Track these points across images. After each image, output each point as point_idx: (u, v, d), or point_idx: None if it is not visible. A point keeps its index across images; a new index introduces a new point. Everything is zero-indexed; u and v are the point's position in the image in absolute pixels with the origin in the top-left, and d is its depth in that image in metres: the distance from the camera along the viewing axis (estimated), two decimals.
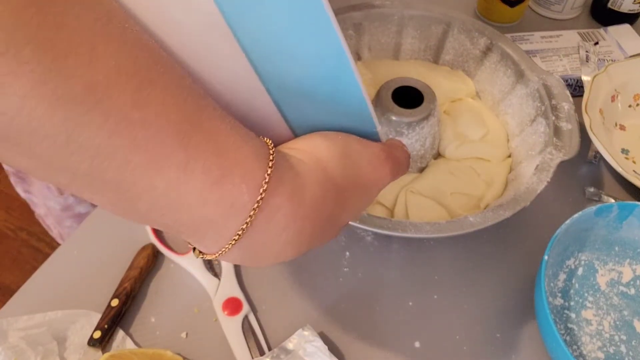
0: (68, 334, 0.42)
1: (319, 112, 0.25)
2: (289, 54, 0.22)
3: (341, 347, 0.43)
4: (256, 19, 0.21)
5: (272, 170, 0.22)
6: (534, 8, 0.75)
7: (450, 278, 0.48)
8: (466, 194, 0.49)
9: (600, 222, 0.46)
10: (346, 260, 0.48)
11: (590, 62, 0.62)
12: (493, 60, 0.55)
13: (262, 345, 0.43)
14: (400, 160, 0.29)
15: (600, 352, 0.43)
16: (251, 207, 0.22)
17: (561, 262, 0.46)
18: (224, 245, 0.23)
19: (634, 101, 0.60)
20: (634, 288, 0.46)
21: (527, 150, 0.50)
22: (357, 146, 0.26)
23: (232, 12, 0.20)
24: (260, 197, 0.22)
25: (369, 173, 0.26)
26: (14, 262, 1.33)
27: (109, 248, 0.48)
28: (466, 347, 0.44)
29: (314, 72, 0.23)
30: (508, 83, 0.54)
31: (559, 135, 0.46)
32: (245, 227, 0.22)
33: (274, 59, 0.22)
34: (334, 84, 0.23)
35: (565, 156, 0.45)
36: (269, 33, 0.21)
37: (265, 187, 0.22)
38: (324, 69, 0.22)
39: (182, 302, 0.45)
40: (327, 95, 0.24)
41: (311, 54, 0.22)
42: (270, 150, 0.23)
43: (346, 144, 0.26)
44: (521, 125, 0.52)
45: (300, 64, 0.22)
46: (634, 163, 0.56)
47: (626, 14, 0.71)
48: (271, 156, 0.23)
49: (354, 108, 0.24)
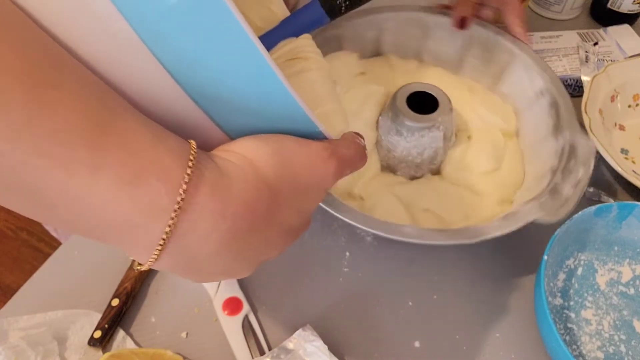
0: (68, 333, 0.42)
1: (251, 119, 0.25)
2: (208, 67, 0.22)
3: (341, 347, 0.43)
4: (172, 36, 0.21)
5: (192, 170, 0.21)
6: (534, 8, 0.75)
7: (450, 278, 0.48)
8: (438, 216, 0.48)
9: (600, 222, 0.46)
10: (346, 260, 0.48)
11: (589, 63, 0.62)
12: (543, 105, 0.52)
13: (262, 345, 0.43)
14: (347, 156, 0.27)
15: (600, 351, 0.43)
16: (172, 209, 0.21)
17: (561, 262, 0.46)
18: (152, 253, 0.22)
19: (634, 101, 0.60)
20: (633, 288, 0.46)
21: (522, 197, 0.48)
22: (292, 145, 0.25)
23: (147, 31, 0.20)
24: (180, 198, 0.21)
25: (307, 171, 0.25)
26: (14, 262, 1.33)
27: (109, 248, 0.48)
28: (466, 347, 0.44)
29: (236, 83, 0.22)
30: (545, 131, 0.51)
31: (554, 195, 0.44)
32: (169, 230, 0.21)
33: (194, 72, 0.22)
34: (261, 92, 0.23)
35: (546, 217, 0.42)
36: (185, 48, 0.21)
37: (184, 187, 0.21)
38: (246, 79, 0.22)
39: (182, 302, 0.45)
40: (255, 103, 0.23)
41: (230, 65, 0.22)
42: (191, 149, 0.22)
43: (279, 144, 0.25)
44: (533, 175, 0.50)
45: (221, 75, 0.22)
46: (634, 163, 0.56)
47: (626, 14, 0.71)
48: (192, 155, 0.22)
49: (288, 111, 0.24)
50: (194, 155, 0.22)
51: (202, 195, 0.22)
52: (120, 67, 0.22)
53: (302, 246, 0.48)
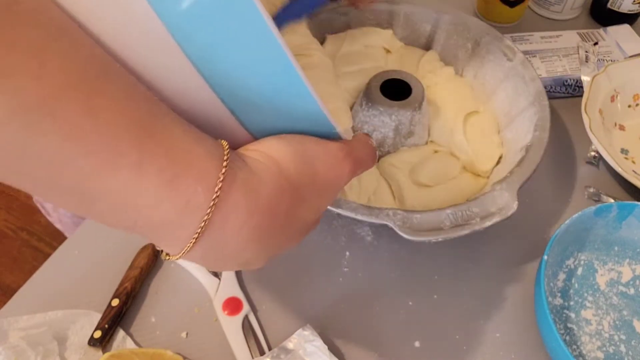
0: (68, 333, 0.42)
1: (274, 119, 0.26)
2: (235, 66, 0.23)
3: (341, 347, 0.43)
4: (202, 37, 0.22)
5: (226, 170, 0.23)
6: (534, 8, 0.75)
7: (450, 278, 0.48)
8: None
9: (600, 222, 0.46)
10: (346, 260, 0.48)
11: (589, 63, 0.62)
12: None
13: (262, 345, 0.43)
14: (362, 157, 0.29)
15: (600, 351, 0.43)
16: (207, 207, 0.23)
17: (561, 262, 0.46)
18: (185, 246, 0.24)
19: (634, 101, 0.60)
20: (633, 288, 0.46)
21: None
22: (312, 146, 0.27)
23: (177, 29, 0.21)
24: (215, 196, 0.23)
25: (325, 171, 0.27)
26: (14, 262, 1.33)
27: (109, 248, 0.48)
28: (466, 347, 0.44)
29: (262, 83, 0.23)
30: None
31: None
32: (203, 225, 0.23)
33: (223, 72, 0.23)
34: (285, 93, 0.24)
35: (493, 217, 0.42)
36: (214, 48, 0.22)
37: (220, 185, 0.23)
38: (271, 80, 0.23)
39: (182, 302, 0.45)
40: (279, 103, 0.25)
41: (256, 66, 0.23)
42: (225, 150, 0.24)
43: (301, 144, 0.27)
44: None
45: (247, 75, 0.23)
46: (634, 163, 0.56)
47: (626, 14, 0.71)
48: (225, 156, 0.24)
49: (309, 113, 0.25)
50: (227, 156, 0.24)
51: (235, 193, 0.23)
52: (154, 67, 0.23)
53: (302, 246, 0.48)
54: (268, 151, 0.26)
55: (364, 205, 0.42)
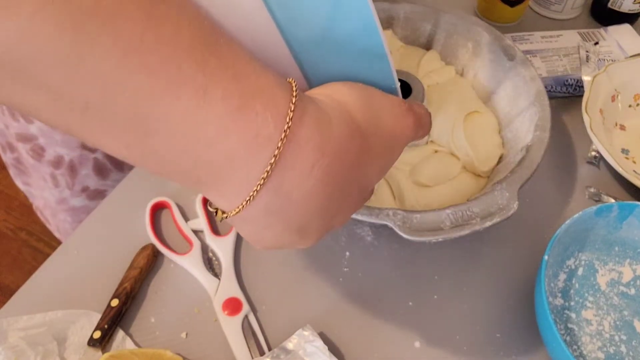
0: (68, 334, 0.42)
1: (339, 66, 0.25)
2: (312, 9, 0.21)
3: (341, 347, 0.43)
4: None
5: (296, 100, 0.21)
6: (534, 8, 0.75)
7: (450, 278, 0.48)
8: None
9: (601, 222, 0.46)
10: (346, 260, 0.48)
11: (590, 62, 0.62)
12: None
13: (262, 345, 0.43)
14: (423, 115, 0.28)
15: (601, 352, 0.43)
16: (278, 138, 0.20)
17: (561, 262, 0.46)
18: (250, 190, 0.21)
19: (634, 101, 0.60)
20: (634, 288, 0.46)
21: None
22: (378, 94, 0.25)
23: None
24: (287, 126, 0.20)
25: (391, 121, 0.26)
26: (14, 262, 1.33)
27: (109, 248, 0.48)
28: (466, 347, 0.44)
29: (337, 26, 0.22)
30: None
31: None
32: (273, 161, 0.20)
33: (296, 12, 0.22)
34: (358, 39, 0.23)
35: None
36: None
37: (291, 115, 0.20)
38: (348, 24, 0.22)
39: (182, 302, 0.45)
40: (349, 49, 0.24)
41: (335, 9, 0.21)
42: (293, 83, 0.22)
43: (367, 92, 0.25)
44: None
45: (323, 18, 0.22)
46: (634, 163, 0.56)
47: (626, 14, 0.71)
48: (294, 86, 0.21)
49: (376, 63, 0.24)
50: (296, 89, 0.22)
51: (307, 127, 0.21)
52: (222, 4, 0.22)
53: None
54: (335, 95, 0.24)
55: (364, 205, 0.42)
